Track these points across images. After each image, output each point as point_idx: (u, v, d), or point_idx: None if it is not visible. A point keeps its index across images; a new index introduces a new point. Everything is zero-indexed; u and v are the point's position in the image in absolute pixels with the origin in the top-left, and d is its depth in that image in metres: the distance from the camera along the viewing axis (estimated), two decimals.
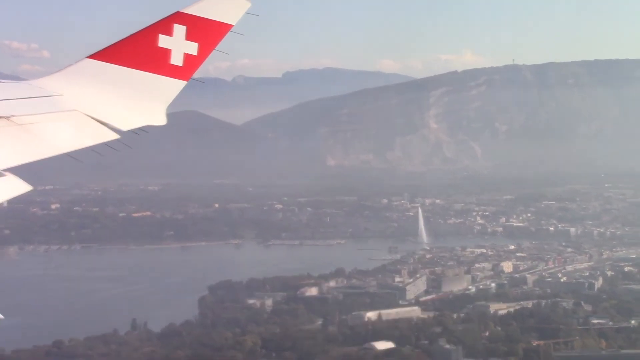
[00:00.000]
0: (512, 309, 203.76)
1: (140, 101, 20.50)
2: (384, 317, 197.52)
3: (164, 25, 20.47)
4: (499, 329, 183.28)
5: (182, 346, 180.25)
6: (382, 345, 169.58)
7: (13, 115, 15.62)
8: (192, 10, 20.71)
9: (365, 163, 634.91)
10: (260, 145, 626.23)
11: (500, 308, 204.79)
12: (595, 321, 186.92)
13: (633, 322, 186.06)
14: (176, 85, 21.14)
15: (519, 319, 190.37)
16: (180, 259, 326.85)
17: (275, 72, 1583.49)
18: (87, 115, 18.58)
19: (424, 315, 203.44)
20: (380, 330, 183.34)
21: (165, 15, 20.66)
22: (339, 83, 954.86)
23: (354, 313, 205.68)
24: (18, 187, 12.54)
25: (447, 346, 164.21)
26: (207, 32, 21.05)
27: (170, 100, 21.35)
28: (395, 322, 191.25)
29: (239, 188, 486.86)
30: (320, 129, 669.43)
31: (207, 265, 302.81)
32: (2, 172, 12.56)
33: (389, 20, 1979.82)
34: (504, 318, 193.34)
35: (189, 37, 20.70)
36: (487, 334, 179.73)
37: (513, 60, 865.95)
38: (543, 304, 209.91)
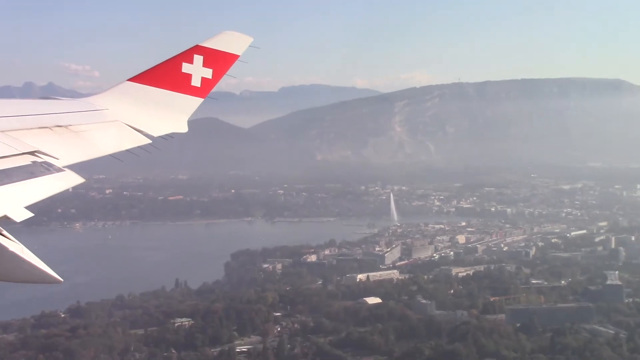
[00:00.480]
0: (469, 272, 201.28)
1: (168, 113, 20.76)
2: (371, 278, 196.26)
3: (186, 56, 20.97)
4: (461, 287, 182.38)
5: (218, 300, 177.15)
6: (372, 300, 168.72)
7: (70, 125, 15.99)
8: (208, 44, 21.19)
9: (345, 158, 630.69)
10: (264, 145, 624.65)
11: (459, 271, 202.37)
12: (534, 281, 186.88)
13: (563, 282, 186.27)
14: (195, 102, 21.58)
15: (475, 280, 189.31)
16: (206, 232, 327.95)
17: (273, 87, 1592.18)
18: (127, 125, 18.93)
19: (401, 277, 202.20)
20: (369, 288, 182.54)
21: (188, 47, 21.11)
22: (323, 96, 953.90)
23: (347, 275, 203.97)
24: (74, 179, 12.57)
25: (424, 301, 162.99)
26: (220, 61, 21.47)
27: (191, 113, 21.65)
28: (380, 282, 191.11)
29: (248, 177, 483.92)
30: (310, 132, 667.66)
31: (227, 237, 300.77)
32: (62, 168, 12.61)
33: (360, 46, 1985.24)
34: (464, 279, 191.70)
35: (206, 64, 21.17)
36: (452, 291, 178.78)
37: (459, 79, 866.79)
38: (492, 267, 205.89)
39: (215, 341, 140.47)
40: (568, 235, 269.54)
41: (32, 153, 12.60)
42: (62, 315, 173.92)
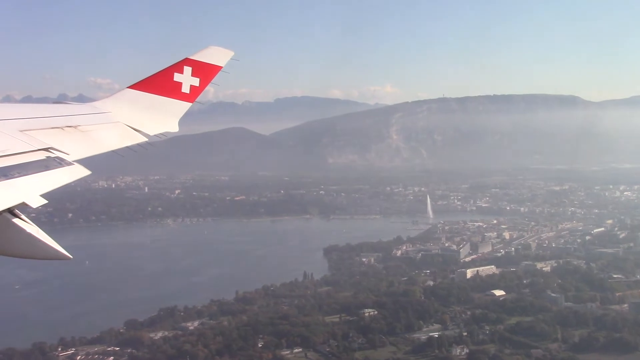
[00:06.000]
0: (547, 267, 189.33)
1: (162, 116, 21.03)
2: (480, 273, 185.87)
3: (177, 67, 21.56)
4: (560, 281, 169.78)
5: (359, 292, 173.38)
6: (498, 292, 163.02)
7: (79, 125, 16.22)
8: (195, 57, 21.79)
9: (352, 161, 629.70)
10: (285, 150, 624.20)
11: (542, 266, 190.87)
12: (615, 276, 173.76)
13: (638, 277, 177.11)
14: (185, 106, 21.78)
15: (565, 274, 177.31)
16: (279, 228, 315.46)
17: (267, 98, 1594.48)
18: (127, 125, 19.31)
19: (497, 271, 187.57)
20: (484, 282, 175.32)
21: (179, 59, 21.68)
22: (315, 106, 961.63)
23: (458, 270, 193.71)
24: (82, 172, 12.69)
25: (554, 294, 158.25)
26: (206, 71, 21.87)
27: (181, 115, 21.66)
28: (490, 277, 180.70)
29: (277, 178, 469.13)
30: (323, 139, 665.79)
31: (302, 233, 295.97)
32: (72, 162, 12.89)
33: (337, 62, 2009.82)
34: (556, 273, 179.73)
35: (194, 74, 21.59)
36: (555, 285, 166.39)
37: (443, 94, 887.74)
38: (561, 262, 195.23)
39: (408, 329, 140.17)
40: (592, 232, 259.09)
41: (46, 149, 12.81)
42: (234, 303, 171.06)
